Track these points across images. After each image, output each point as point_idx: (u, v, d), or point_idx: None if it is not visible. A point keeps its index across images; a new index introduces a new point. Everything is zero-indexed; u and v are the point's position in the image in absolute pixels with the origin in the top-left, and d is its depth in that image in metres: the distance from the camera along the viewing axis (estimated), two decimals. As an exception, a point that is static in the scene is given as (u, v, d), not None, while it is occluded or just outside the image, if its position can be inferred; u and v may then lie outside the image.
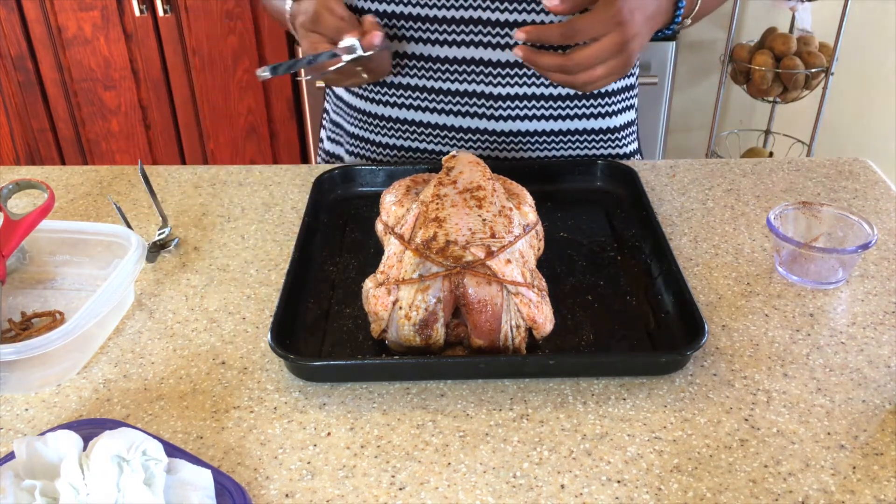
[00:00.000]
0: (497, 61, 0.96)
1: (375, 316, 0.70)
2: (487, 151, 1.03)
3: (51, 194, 0.77)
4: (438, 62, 0.97)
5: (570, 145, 1.04)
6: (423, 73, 0.99)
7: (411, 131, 1.04)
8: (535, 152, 1.03)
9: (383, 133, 1.05)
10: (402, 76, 1.00)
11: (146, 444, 0.54)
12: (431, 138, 1.04)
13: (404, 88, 1.01)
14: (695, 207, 0.95)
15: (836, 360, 0.71)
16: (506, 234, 0.71)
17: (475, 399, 0.67)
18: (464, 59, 0.96)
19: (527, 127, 1.01)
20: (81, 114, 2.27)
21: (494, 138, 1.02)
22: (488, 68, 0.97)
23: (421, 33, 0.96)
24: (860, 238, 0.80)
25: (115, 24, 2.13)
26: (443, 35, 0.95)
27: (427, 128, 1.03)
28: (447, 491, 0.59)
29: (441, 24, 0.95)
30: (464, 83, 0.98)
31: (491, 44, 0.95)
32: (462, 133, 1.02)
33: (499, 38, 0.95)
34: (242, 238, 0.91)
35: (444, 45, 0.96)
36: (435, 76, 0.99)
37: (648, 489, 0.59)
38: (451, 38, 0.96)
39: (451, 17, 0.94)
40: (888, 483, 0.59)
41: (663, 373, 0.69)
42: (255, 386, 0.70)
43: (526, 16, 0.93)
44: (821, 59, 2.15)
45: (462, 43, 0.96)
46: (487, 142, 1.02)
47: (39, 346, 0.65)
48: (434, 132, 1.03)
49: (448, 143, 1.03)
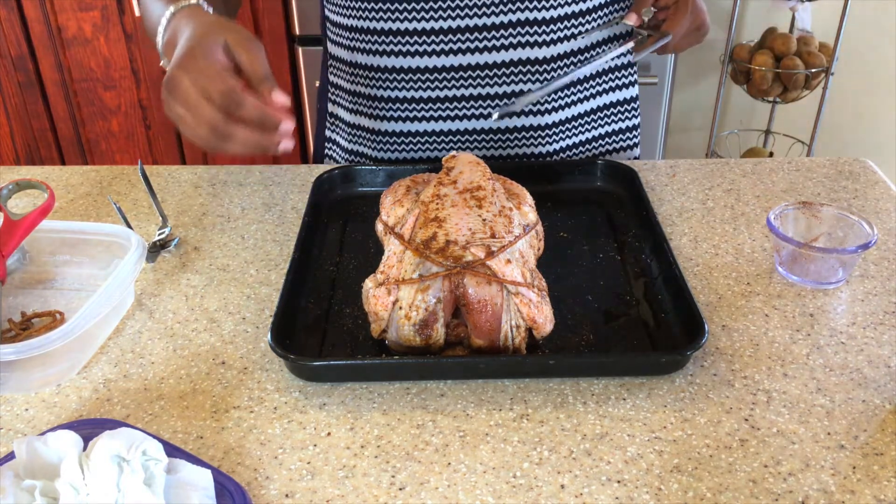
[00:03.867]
0: (493, 63, 0.97)
1: (375, 316, 0.70)
2: (491, 150, 1.04)
3: (51, 194, 0.77)
4: (428, 73, 0.98)
5: (573, 131, 1.05)
6: (425, 85, 1.00)
7: (416, 142, 1.04)
8: (537, 147, 1.04)
9: (384, 148, 1.06)
10: (404, 90, 1.00)
11: (146, 444, 0.54)
12: (431, 147, 1.04)
13: (412, 101, 1.01)
14: (695, 207, 0.95)
15: (836, 360, 0.71)
16: (506, 234, 0.71)
17: (475, 399, 0.67)
18: (460, 66, 0.97)
19: (531, 122, 1.01)
20: (81, 114, 2.27)
21: (493, 136, 1.02)
22: (484, 71, 0.98)
23: (418, 47, 0.97)
24: (860, 238, 0.80)
25: (115, 24, 2.13)
26: (452, 45, 0.96)
27: (434, 136, 1.03)
28: (447, 491, 0.59)
29: (438, 35, 0.96)
30: (460, 89, 0.99)
31: (486, 48, 0.96)
32: (464, 136, 1.03)
33: (494, 42, 0.96)
34: (242, 238, 0.91)
35: (437, 55, 0.97)
36: (438, 86, 0.99)
37: (648, 489, 0.59)
38: (444, 48, 0.96)
39: (439, 28, 0.95)
40: (888, 483, 0.59)
41: (663, 373, 0.69)
42: (255, 386, 0.70)
43: (512, 15, 0.94)
44: (821, 59, 2.15)
45: (454, 52, 0.97)
46: (500, 140, 1.03)
47: (39, 346, 0.65)
48: (440, 139, 1.03)
49: (456, 147, 1.04)
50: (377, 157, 1.07)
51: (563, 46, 0.97)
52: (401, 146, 1.05)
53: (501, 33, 0.95)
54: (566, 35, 0.97)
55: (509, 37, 0.95)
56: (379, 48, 0.98)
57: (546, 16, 0.95)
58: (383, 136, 1.05)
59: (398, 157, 1.06)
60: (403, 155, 1.06)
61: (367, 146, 1.07)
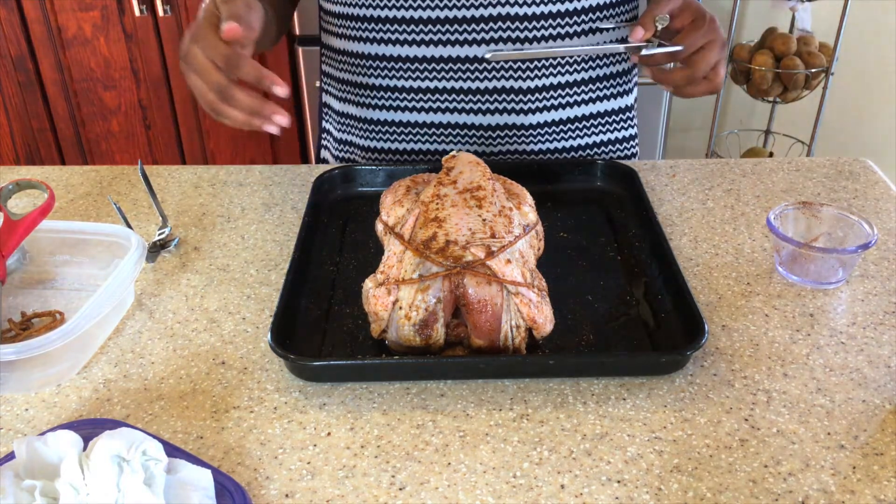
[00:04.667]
0: (480, 57, 0.97)
1: (375, 316, 0.70)
2: (480, 147, 1.04)
3: (51, 194, 0.77)
4: (426, 62, 0.98)
5: (565, 134, 1.05)
6: (411, 75, 1.00)
7: (401, 132, 1.05)
8: (528, 146, 1.04)
9: (371, 137, 1.06)
10: (389, 78, 1.01)
11: (146, 444, 0.54)
12: (424, 138, 1.04)
13: (390, 90, 1.02)
14: (695, 207, 0.95)
15: (836, 360, 0.71)
16: (506, 234, 0.71)
17: (475, 399, 0.67)
18: (458, 57, 0.97)
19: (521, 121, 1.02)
20: (81, 114, 2.27)
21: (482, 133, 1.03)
22: (473, 64, 0.98)
23: (406, 35, 0.97)
24: (860, 238, 0.80)
25: (115, 24, 2.13)
26: (437, 35, 0.96)
27: (418, 128, 1.04)
28: (447, 491, 0.59)
29: (435, 25, 0.96)
30: (447, 80, 0.99)
31: (484, 40, 0.96)
32: (453, 129, 1.03)
33: (491, 34, 0.96)
34: (242, 238, 0.91)
35: (435, 45, 0.97)
36: (423, 76, 1.00)
37: (648, 489, 0.59)
38: (444, 38, 0.97)
39: (443, 18, 0.95)
40: (888, 483, 0.59)
41: (663, 373, 0.69)
42: (255, 386, 0.70)
43: (501, 8, 0.94)
44: (821, 59, 2.15)
45: (442, 42, 0.97)
46: (484, 137, 1.03)
47: (39, 346, 0.65)
48: (425, 131, 1.04)
49: (443, 141, 1.04)
50: (365, 146, 1.08)
51: (552, 44, 0.98)
52: (388, 135, 1.06)
53: (489, 26, 0.95)
54: (556, 33, 0.97)
55: (497, 30, 0.96)
56: (367, 35, 0.99)
57: (534, 11, 0.95)
58: (371, 124, 1.06)
59: (386, 147, 1.06)
60: (391, 145, 1.06)
61: (355, 135, 1.08)
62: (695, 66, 0.88)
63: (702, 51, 0.88)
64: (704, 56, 0.88)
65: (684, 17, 0.89)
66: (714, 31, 0.89)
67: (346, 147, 1.10)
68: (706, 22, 0.88)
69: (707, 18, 0.89)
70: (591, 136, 1.06)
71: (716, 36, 0.88)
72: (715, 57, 0.88)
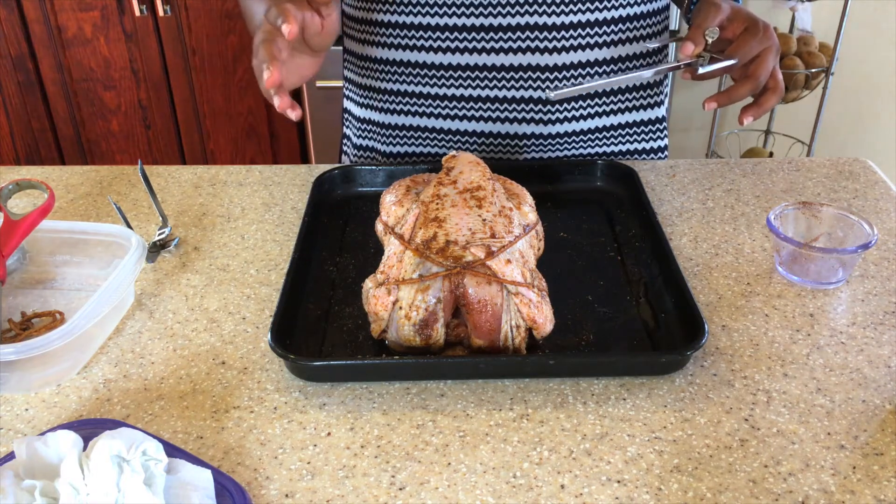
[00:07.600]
0: (502, 66, 0.97)
1: (375, 316, 0.70)
2: (499, 154, 1.04)
3: (51, 194, 0.77)
4: (452, 69, 0.98)
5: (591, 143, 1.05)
6: (437, 82, 1.00)
7: (426, 138, 1.05)
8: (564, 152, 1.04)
9: (394, 143, 1.06)
10: (415, 85, 1.01)
11: (146, 444, 0.54)
12: (448, 145, 1.05)
13: (412, 96, 1.02)
14: (695, 207, 0.95)
15: (836, 360, 0.71)
16: (506, 234, 0.71)
17: (475, 399, 0.67)
18: (485, 65, 0.97)
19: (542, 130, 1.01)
20: (81, 114, 2.27)
21: (502, 141, 1.03)
22: (493, 73, 0.97)
23: (430, 42, 0.97)
24: (860, 238, 0.80)
25: (115, 24, 2.13)
26: (464, 43, 0.96)
27: (443, 134, 1.04)
28: (447, 491, 0.59)
29: (461, 32, 0.96)
30: (468, 88, 0.99)
31: (511, 49, 0.96)
32: (474, 137, 1.03)
33: (518, 43, 0.95)
34: (242, 238, 0.91)
35: (452, 52, 0.97)
36: (449, 83, 0.99)
37: (648, 489, 0.59)
38: (471, 46, 0.96)
39: (470, 25, 0.95)
40: (888, 483, 0.59)
41: (663, 373, 0.69)
42: (255, 386, 0.70)
43: (529, 18, 0.94)
44: (821, 59, 2.15)
45: (464, 50, 0.96)
46: (511, 146, 1.03)
47: (39, 346, 0.65)
48: (450, 138, 1.04)
49: (467, 149, 1.04)
50: (385, 151, 1.07)
51: (576, 55, 0.96)
52: (409, 140, 1.05)
53: (512, 35, 0.95)
54: (584, 43, 0.96)
55: (521, 40, 0.95)
56: (391, 42, 0.99)
57: (562, 21, 0.94)
58: (393, 129, 1.06)
59: (406, 151, 1.06)
60: (412, 149, 1.06)
61: (375, 140, 1.08)
62: (755, 77, 0.85)
63: (758, 59, 0.85)
64: (761, 64, 0.85)
65: (736, 27, 0.86)
66: (769, 37, 0.85)
67: (365, 153, 1.10)
68: (760, 30, 0.85)
69: (761, 26, 0.85)
70: (619, 146, 1.06)
71: (771, 42, 0.85)
72: (772, 63, 0.85)
